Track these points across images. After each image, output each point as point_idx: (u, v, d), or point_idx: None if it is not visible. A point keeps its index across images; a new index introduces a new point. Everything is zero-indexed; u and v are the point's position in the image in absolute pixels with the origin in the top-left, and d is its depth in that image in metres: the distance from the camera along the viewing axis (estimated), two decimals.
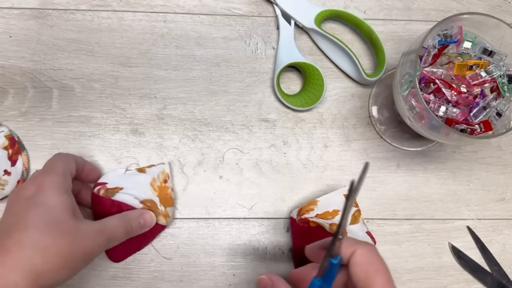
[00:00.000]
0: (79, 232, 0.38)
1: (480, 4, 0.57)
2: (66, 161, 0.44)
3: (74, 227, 0.38)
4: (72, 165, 0.44)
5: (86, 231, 0.39)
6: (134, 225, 0.45)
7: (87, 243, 0.38)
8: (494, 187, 0.54)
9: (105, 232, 0.41)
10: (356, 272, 0.32)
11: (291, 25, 0.54)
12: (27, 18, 0.53)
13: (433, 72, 0.45)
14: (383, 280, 0.32)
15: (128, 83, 0.53)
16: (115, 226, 0.42)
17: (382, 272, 0.32)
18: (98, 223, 0.42)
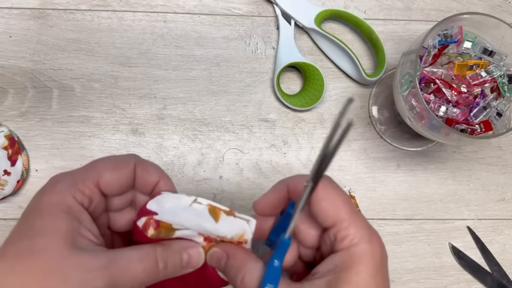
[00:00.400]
0: (69, 267, 0.27)
1: (480, 4, 0.57)
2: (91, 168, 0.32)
3: (62, 261, 0.27)
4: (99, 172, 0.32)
5: (81, 266, 0.27)
6: (172, 262, 0.31)
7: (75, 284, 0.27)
8: (494, 187, 0.54)
9: (110, 270, 0.28)
10: (322, 209, 0.31)
11: (291, 25, 0.54)
12: (27, 18, 0.53)
13: (433, 72, 0.45)
14: (351, 210, 0.31)
15: (128, 83, 0.53)
16: (132, 262, 0.29)
17: (348, 203, 0.31)
18: (106, 253, 0.29)
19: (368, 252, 0.29)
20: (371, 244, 0.29)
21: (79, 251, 0.28)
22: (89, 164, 0.32)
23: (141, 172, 0.33)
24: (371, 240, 0.30)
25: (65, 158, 0.51)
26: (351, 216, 0.30)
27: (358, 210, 0.49)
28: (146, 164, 0.34)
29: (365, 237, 0.30)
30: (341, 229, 0.30)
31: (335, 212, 0.30)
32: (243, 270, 0.31)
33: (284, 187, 0.33)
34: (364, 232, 0.30)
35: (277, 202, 0.34)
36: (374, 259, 0.29)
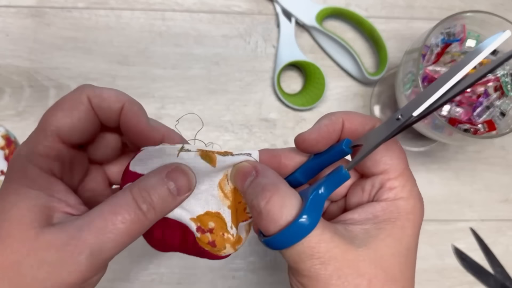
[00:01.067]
0: (40, 249, 0.23)
1: (483, 2, 0.56)
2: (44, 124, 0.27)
3: (31, 243, 0.23)
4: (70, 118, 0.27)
5: (52, 245, 0.23)
6: (158, 197, 0.26)
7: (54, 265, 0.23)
8: (497, 187, 0.54)
9: (85, 238, 0.24)
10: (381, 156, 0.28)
11: (291, 23, 0.53)
12: (24, 16, 0.53)
13: (436, 71, 0.45)
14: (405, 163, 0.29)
15: (125, 82, 0.52)
16: (106, 218, 0.24)
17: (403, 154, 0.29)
18: (77, 221, 0.24)
19: (417, 209, 0.28)
20: (419, 202, 0.28)
21: (48, 228, 0.24)
22: (40, 121, 0.27)
23: (98, 103, 0.27)
24: (420, 198, 0.28)
25: None
26: (405, 170, 0.28)
27: None
28: (101, 90, 0.28)
29: (414, 193, 0.28)
30: (391, 178, 0.28)
31: (390, 159, 0.28)
32: (272, 190, 0.25)
33: (338, 122, 0.28)
34: (414, 189, 0.28)
35: (327, 138, 0.28)
36: (419, 218, 0.28)
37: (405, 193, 0.28)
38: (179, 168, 0.27)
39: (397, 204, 0.27)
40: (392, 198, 0.28)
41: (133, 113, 0.28)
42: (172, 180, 0.27)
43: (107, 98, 0.27)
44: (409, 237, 0.27)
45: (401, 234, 0.27)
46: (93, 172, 0.31)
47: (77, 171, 0.29)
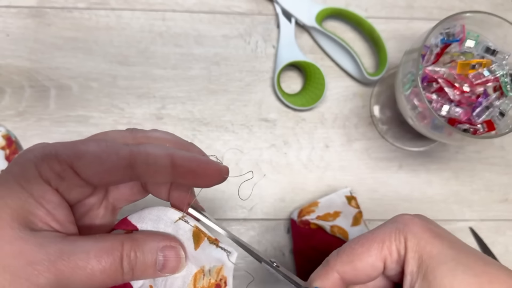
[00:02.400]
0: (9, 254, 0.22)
1: (482, 3, 0.56)
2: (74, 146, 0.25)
3: (3, 243, 0.22)
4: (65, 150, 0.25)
5: (23, 255, 0.22)
6: (142, 264, 0.25)
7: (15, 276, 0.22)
8: (497, 187, 0.54)
9: (58, 266, 0.22)
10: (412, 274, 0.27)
11: (291, 23, 0.53)
12: (24, 16, 0.53)
13: (436, 71, 0.45)
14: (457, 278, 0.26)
15: (126, 82, 0.52)
16: (89, 259, 0.23)
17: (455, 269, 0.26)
18: (60, 243, 0.24)
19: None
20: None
21: (28, 235, 0.23)
22: (75, 141, 0.26)
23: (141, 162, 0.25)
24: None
25: None
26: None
27: (359, 212, 0.48)
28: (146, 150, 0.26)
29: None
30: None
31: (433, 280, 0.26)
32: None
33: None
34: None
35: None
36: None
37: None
38: (176, 249, 0.27)
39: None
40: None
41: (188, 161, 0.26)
42: (164, 256, 0.26)
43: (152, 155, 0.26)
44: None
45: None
46: (96, 192, 0.29)
47: (78, 192, 0.27)
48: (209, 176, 0.27)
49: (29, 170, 0.24)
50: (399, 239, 0.28)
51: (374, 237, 0.28)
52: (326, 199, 0.48)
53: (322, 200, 0.48)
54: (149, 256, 0.25)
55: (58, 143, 0.25)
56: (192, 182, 0.27)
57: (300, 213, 0.48)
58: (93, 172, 0.25)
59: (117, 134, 0.27)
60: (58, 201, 0.25)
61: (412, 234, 0.27)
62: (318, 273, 0.30)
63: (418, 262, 0.27)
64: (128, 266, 0.25)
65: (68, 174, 0.25)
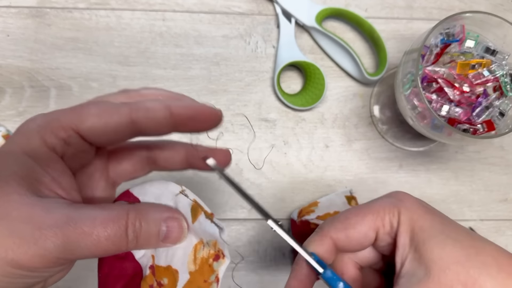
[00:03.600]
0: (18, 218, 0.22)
1: (482, 3, 0.56)
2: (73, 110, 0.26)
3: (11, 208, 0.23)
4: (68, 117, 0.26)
5: (31, 219, 0.23)
6: (146, 233, 0.26)
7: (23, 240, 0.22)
8: (496, 187, 0.54)
9: (65, 231, 0.23)
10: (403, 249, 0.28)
11: (291, 24, 0.54)
12: (24, 16, 0.53)
13: (435, 71, 0.45)
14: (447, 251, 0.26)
15: (126, 82, 0.52)
16: (95, 226, 0.24)
17: (445, 241, 0.27)
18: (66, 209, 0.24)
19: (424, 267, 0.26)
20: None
21: (35, 199, 0.23)
22: (73, 106, 0.27)
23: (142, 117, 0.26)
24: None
25: None
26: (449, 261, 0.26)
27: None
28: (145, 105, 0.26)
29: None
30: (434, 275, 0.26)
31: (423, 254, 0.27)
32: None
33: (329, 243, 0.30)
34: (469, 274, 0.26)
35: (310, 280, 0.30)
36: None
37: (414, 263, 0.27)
38: (179, 221, 0.27)
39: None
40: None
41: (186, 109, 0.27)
42: (167, 226, 0.27)
43: (151, 109, 0.26)
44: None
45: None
46: (97, 161, 0.30)
47: (81, 157, 0.28)
48: (206, 119, 0.28)
49: (33, 138, 0.25)
50: (393, 212, 0.29)
51: (369, 208, 0.30)
52: (326, 199, 0.48)
53: (322, 200, 0.48)
54: (153, 226, 0.26)
55: (58, 110, 0.26)
56: (192, 128, 0.28)
57: (300, 213, 0.48)
58: (98, 133, 0.26)
59: (112, 97, 0.28)
60: (62, 169, 0.26)
61: (405, 209, 0.28)
62: (313, 238, 0.30)
63: (410, 235, 0.28)
64: (132, 235, 0.25)
65: (74, 139, 0.26)
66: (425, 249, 0.26)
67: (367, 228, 0.29)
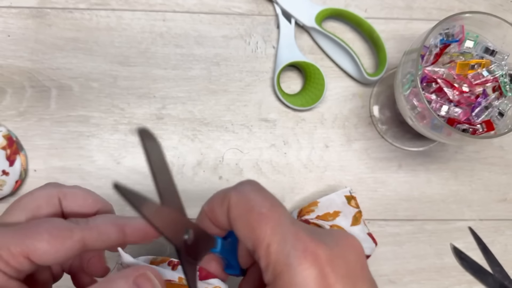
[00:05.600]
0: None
1: (481, 3, 0.57)
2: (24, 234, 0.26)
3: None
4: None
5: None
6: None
7: None
8: (496, 187, 0.54)
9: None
10: (238, 231, 0.24)
11: (291, 24, 0.54)
12: (25, 17, 0.53)
13: (435, 71, 0.45)
14: (269, 225, 0.23)
15: (126, 83, 0.52)
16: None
17: (266, 214, 0.23)
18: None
19: (297, 282, 0.21)
20: (299, 268, 0.22)
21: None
22: (23, 229, 0.26)
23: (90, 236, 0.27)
24: (299, 262, 0.22)
25: (63, 158, 0.51)
26: (270, 235, 0.23)
27: (359, 211, 0.49)
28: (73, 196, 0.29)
29: (290, 260, 0.22)
30: (260, 256, 0.23)
31: (251, 234, 0.23)
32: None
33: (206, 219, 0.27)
34: (289, 252, 0.22)
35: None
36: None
37: (279, 266, 0.22)
38: (146, 275, 0.26)
39: (277, 286, 0.22)
40: (271, 279, 0.22)
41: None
42: (138, 286, 0.26)
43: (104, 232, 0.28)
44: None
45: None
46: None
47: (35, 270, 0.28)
48: (152, 235, 0.29)
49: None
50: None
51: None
52: (326, 198, 0.48)
53: (322, 199, 0.48)
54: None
55: (7, 234, 0.26)
56: (136, 242, 0.29)
57: (300, 213, 0.48)
58: (48, 259, 0.26)
59: (43, 194, 0.29)
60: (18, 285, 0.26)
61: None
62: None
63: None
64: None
65: (26, 266, 0.26)
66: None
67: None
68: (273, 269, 0.22)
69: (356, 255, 0.24)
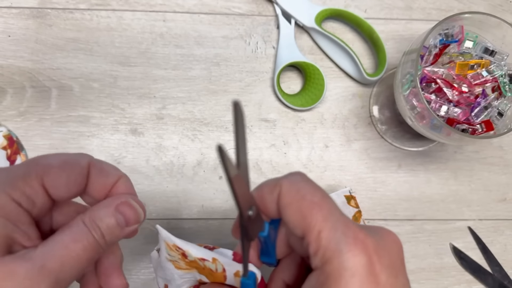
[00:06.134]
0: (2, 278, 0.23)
1: (481, 3, 0.57)
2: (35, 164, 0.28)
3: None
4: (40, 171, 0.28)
5: (15, 274, 0.24)
6: (106, 228, 0.27)
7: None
8: (495, 187, 0.54)
9: (49, 267, 0.24)
10: (288, 218, 0.26)
11: (291, 24, 0.54)
12: (25, 17, 0.53)
13: (434, 71, 0.45)
14: (322, 213, 0.24)
15: (127, 83, 0.52)
16: (68, 246, 0.25)
17: (318, 203, 0.25)
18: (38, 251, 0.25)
19: (346, 267, 0.23)
20: (349, 254, 0.23)
21: (9, 257, 0.24)
22: (32, 159, 0.28)
23: (95, 173, 0.29)
24: (349, 248, 0.23)
25: None
26: (322, 222, 0.24)
27: (358, 211, 0.49)
28: (101, 163, 0.30)
29: (341, 246, 0.23)
30: (311, 241, 0.24)
31: (301, 220, 0.25)
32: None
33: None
34: (340, 239, 0.23)
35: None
36: (356, 273, 0.23)
37: (329, 252, 0.23)
38: (127, 202, 0.28)
39: (325, 271, 0.23)
40: (320, 264, 0.24)
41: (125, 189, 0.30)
42: (121, 213, 0.28)
43: (106, 170, 0.29)
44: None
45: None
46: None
47: (44, 208, 0.29)
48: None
49: (1, 197, 0.26)
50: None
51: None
52: None
53: None
54: (107, 220, 0.27)
55: (19, 165, 0.28)
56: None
57: None
58: (61, 185, 0.27)
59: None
60: (29, 221, 0.27)
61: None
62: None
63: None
64: (97, 235, 0.27)
65: (38, 193, 0.27)
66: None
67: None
68: (323, 254, 0.24)
69: (398, 249, 0.25)
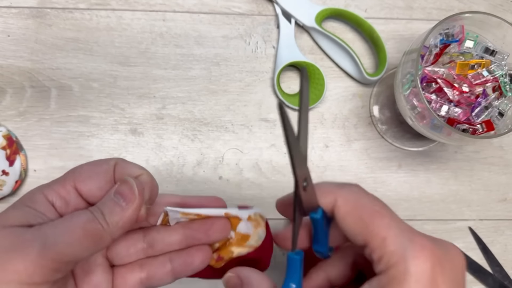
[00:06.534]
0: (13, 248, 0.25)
1: (481, 3, 0.57)
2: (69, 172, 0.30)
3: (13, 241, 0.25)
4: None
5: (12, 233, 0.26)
6: (108, 211, 0.28)
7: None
8: (496, 187, 0.54)
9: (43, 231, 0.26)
10: (348, 226, 0.26)
11: (291, 24, 0.54)
12: (25, 17, 0.53)
13: (435, 71, 0.45)
14: (384, 221, 0.25)
15: (127, 83, 0.52)
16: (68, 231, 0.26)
17: (380, 212, 0.26)
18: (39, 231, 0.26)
19: (411, 272, 0.24)
20: (415, 260, 0.24)
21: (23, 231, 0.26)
22: (71, 169, 0.30)
23: (119, 171, 0.30)
24: (415, 255, 0.24)
25: (63, 158, 0.51)
26: (386, 229, 0.25)
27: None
28: (126, 163, 0.31)
29: (407, 252, 0.24)
30: (375, 248, 0.25)
31: (363, 228, 0.26)
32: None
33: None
34: (406, 245, 0.24)
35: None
36: (420, 279, 0.24)
37: (394, 258, 0.24)
38: (123, 180, 0.29)
39: (389, 275, 0.24)
40: (384, 268, 0.25)
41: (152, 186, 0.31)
42: (119, 194, 0.28)
43: (129, 166, 0.30)
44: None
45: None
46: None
47: (78, 209, 0.30)
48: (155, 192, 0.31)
49: (36, 194, 0.28)
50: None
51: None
52: None
53: None
54: (108, 203, 0.28)
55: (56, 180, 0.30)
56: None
57: None
58: (91, 186, 0.29)
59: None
60: (57, 217, 0.28)
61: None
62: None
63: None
64: (97, 214, 0.27)
65: (70, 193, 0.29)
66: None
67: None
68: (388, 260, 0.24)
69: (462, 265, 0.26)
